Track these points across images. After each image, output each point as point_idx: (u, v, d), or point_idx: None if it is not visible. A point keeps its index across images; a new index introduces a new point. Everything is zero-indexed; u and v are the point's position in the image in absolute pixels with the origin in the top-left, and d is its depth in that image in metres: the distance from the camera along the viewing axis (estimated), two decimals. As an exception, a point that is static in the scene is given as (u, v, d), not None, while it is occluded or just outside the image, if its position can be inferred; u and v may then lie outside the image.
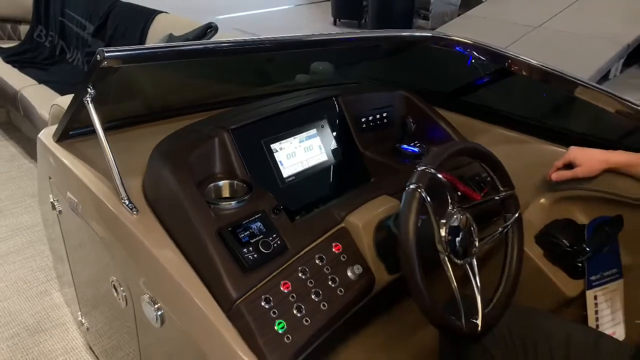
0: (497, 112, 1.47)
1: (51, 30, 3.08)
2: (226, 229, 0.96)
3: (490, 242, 1.06)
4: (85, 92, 1.02)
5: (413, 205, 0.90)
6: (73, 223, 1.32)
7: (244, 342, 0.89)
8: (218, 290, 0.92)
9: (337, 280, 1.01)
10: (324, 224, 1.08)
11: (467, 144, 1.08)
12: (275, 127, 1.21)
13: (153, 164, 1.08)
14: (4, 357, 1.58)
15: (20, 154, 2.81)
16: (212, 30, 2.06)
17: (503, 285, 1.05)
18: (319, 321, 0.95)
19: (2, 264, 1.98)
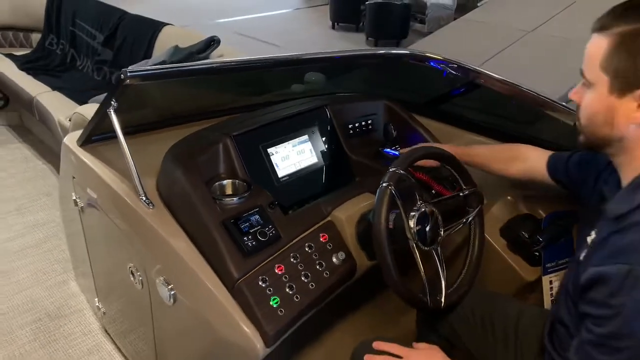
0: (467, 120, 1.65)
1: (62, 39, 3.26)
2: (229, 221, 1.14)
3: (454, 232, 1.23)
4: (109, 105, 1.20)
5: (384, 200, 1.08)
6: (94, 218, 1.49)
7: (245, 315, 1.07)
8: (222, 271, 1.10)
9: (324, 265, 1.19)
10: (313, 217, 1.26)
11: (431, 149, 1.26)
12: (271, 133, 1.38)
13: (166, 166, 1.25)
14: (28, 338, 1.76)
15: (34, 156, 2.99)
16: (214, 43, 2.24)
17: (465, 269, 1.23)
18: (307, 298, 1.13)
19: (22, 257, 2.15)
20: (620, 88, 0.77)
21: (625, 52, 0.76)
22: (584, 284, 0.78)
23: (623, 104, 0.78)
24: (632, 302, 0.70)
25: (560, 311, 0.92)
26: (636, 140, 0.80)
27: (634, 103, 0.77)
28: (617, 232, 0.78)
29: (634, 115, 0.78)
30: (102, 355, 1.70)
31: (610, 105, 0.79)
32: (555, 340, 0.94)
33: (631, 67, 0.75)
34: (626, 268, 0.72)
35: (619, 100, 0.78)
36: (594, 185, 1.01)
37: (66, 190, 1.61)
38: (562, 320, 0.91)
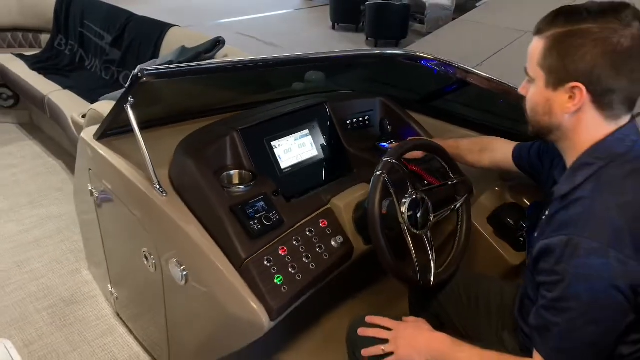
0: (458, 116, 1.75)
1: (71, 39, 3.36)
2: (237, 207, 1.25)
3: (444, 221, 1.34)
4: (126, 101, 1.30)
5: (378, 187, 1.19)
6: (109, 207, 1.60)
7: (251, 291, 1.18)
8: (231, 252, 1.21)
9: (323, 248, 1.29)
10: (313, 204, 1.37)
11: (420, 141, 1.37)
12: (275, 128, 1.49)
13: (178, 157, 1.36)
14: (45, 322, 1.86)
15: (44, 153, 3.10)
16: (220, 43, 2.35)
17: (454, 251, 1.33)
18: (308, 277, 1.24)
19: (37, 247, 2.26)
20: (554, 83, 0.89)
21: (556, 52, 0.87)
22: (536, 257, 0.89)
23: (557, 96, 0.89)
24: (572, 268, 0.81)
25: (527, 287, 1.03)
26: (572, 127, 0.91)
27: (566, 95, 0.88)
28: (561, 209, 0.89)
29: (567, 106, 0.89)
30: (115, 338, 1.80)
31: (547, 97, 0.91)
32: (524, 314, 1.04)
33: (561, 65, 0.86)
34: (566, 238, 0.82)
35: (554, 93, 0.89)
36: (549, 171, 1.12)
37: (82, 182, 1.72)
38: (528, 295, 1.02)
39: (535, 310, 0.90)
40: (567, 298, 0.83)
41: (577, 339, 0.83)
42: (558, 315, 0.84)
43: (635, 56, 0.85)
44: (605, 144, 0.89)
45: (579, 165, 0.91)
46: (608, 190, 0.85)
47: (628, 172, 0.87)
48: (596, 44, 0.84)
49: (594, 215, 0.83)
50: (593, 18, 0.85)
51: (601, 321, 0.82)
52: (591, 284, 0.80)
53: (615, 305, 0.80)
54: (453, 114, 1.78)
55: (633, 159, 0.88)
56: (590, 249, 0.80)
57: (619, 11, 0.85)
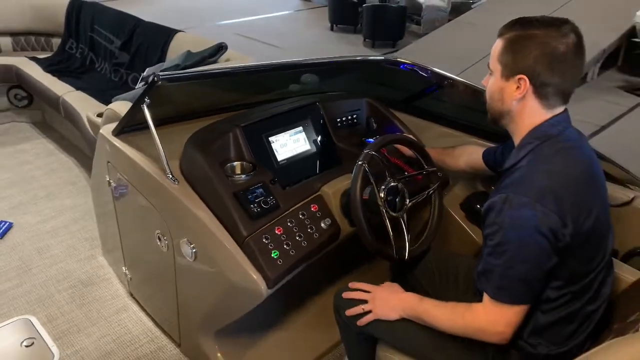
0: (437, 114, 1.95)
1: (81, 43, 3.56)
2: (239, 192, 1.45)
3: (421, 208, 1.54)
4: (143, 101, 1.50)
5: (359, 174, 1.39)
6: (125, 195, 1.80)
7: (252, 264, 1.38)
8: (234, 231, 1.41)
9: (314, 228, 1.50)
10: (306, 191, 1.57)
11: (398, 136, 1.57)
12: (272, 125, 1.68)
13: (188, 150, 1.56)
14: (66, 301, 2.06)
15: (57, 150, 3.30)
16: (223, 48, 2.55)
17: (427, 232, 1.53)
18: (300, 253, 1.44)
19: (55, 236, 2.46)
20: (507, 74, 1.10)
21: (510, 50, 1.09)
22: (483, 214, 1.10)
23: (508, 86, 1.11)
24: (508, 218, 1.02)
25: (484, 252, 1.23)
26: (518, 113, 1.13)
27: (514, 85, 1.10)
28: (506, 177, 1.11)
29: (514, 94, 1.10)
30: (129, 314, 2.00)
31: (501, 86, 1.12)
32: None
33: (512, 60, 1.09)
34: (504, 196, 1.04)
35: (506, 83, 1.11)
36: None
37: (100, 174, 1.92)
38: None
39: (482, 258, 1.10)
40: (504, 243, 1.03)
41: (513, 276, 1.04)
42: (498, 258, 1.05)
43: (567, 60, 1.07)
44: (541, 127, 1.11)
45: (521, 145, 1.13)
46: (540, 161, 1.07)
47: (557, 150, 1.09)
48: (538, 46, 1.06)
49: (527, 178, 1.06)
50: (540, 27, 1.07)
51: (531, 261, 1.03)
52: (522, 231, 1.01)
53: (540, 248, 1.01)
54: (432, 112, 1.98)
55: (562, 140, 1.10)
56: (522, 203, 1.01)
57: (559, 25, 1.08)
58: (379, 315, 1.28)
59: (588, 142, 1.18)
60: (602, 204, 1.11)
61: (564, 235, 1.02)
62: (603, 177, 1.17)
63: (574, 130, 1.14)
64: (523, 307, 1.07)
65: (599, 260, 1.11)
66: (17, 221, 2.54)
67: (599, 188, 1.13)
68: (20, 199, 2.74)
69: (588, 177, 1.10)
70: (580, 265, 1.08)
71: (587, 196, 1.07)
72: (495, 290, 1.07)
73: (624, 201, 1.45)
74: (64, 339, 1.88)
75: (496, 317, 1.07)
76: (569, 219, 1.02)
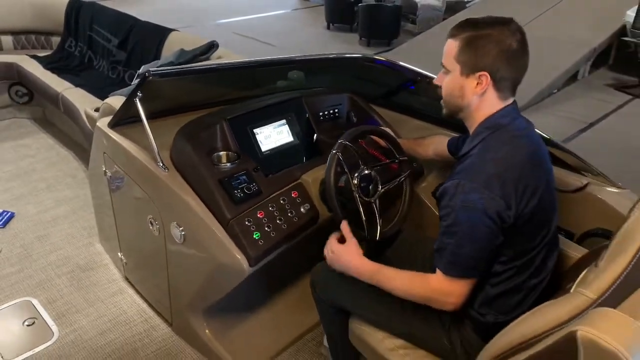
0: (413, 109, 2.07)
1: (80, 41, 3.69)
2: (224, 179, 1.57)
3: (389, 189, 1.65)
4: (135, 95, 1.62)
5: (333, 162, 1.51)
6: (120, 184, 1.92)
7: (235, 244, 1.50)
8: (219, 214, 1.53)
9: (294, 212, 1.62)
10: (287, 179, 1.69)
11: (370, 127, 1.69)
12: (257, 118, 1.80)
13: (178, 141, 1.68)
14: (65, 284, 2.19)
15: (57, 144, 3.42)
16: (214, 47, 2.67)
17: (398, 216, 1.65)
18: (281, 234, 1.56)
19: (55, 225, 2.58)
20: (467, 72, 1.20)
21: (469, 49, 1.18)
22: (438, 197, 1.22)
23: (468, 82, 1.21)
24: (459, 202, 1.14)
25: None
26: (476, 106, 1.23)
27: (474, 81, 1.20)
28: (459, 164, 1.23)
29: (475, 90, 1.21)
30: (125, 297, 2.13)
31: (461, 83, 1.22)
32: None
33: (473, 58, 1.18)
34: (457, 181, 1.16)
35: (466, 80, 1.21)
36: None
37: (97, 164, 2.04)
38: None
39: (437, 238, 1.22)
40: (455, 224, 1.15)
41: (462, 254, 1.16)
42: (450, 237, 1.17)
43: (519, 55, 1.19)
44: (493, 118, 1.22)
45: (475, 135, 1.24)
46: (489, 150, 1.19)
47: (506, 139, 1.20)
48: (496, 44, 1.17)
49: (476, 166, 1.17)
50: (492, 26, 1.19)
51: (478, 240, 1.14)
52: (471, 213, 1.13)
53: (488, 229, 1.13)
54: (408, 107, 2.10)
55: (511, 129, 1.21)
56: (471, 188, 1.13)
57: (507, 23, 1.20)
58: (336, 268, 1.41)
59: (535, 130, 1.30)
60: (547, 186, 1.23)
61: (509, 217, 1.14)
62: (548, 162, 1.28)
63: (523, 120, 1.26)
64: (471, 280, 1.19)
65: (541, 237, 1.23)
66: (19, 211, 2.66)
67: (543, 172, 1.24)
68: (22, 190, 2.86)
69: (532, 162, 1.21)
70: (524, 242, 1.20)
71: (531, 180, 1.18)
72: (447, 265, 1.19)
73: (578, 187, 1.56)
74: (63, 319, 2.00)
75: (447, 289, 1.19)
76: (513, 202, 1.14)
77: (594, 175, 1.58)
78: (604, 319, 0.87)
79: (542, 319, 0.99)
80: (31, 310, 2.05)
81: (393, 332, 1.39)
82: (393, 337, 1.38)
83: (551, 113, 4.99)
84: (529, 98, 5.11)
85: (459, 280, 1.19)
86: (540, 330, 0.98)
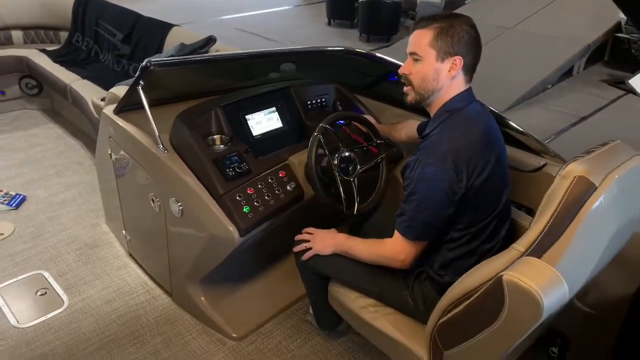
0: (393, 98, 2.24)
1: (87, 36, 3.87)
2: (217, 159, 1.75)
3: (367, 169, 1.82)
4: (138, 84, 1.80)
5: (315, 144, 1.68)
6: (124, 165, 2.10)
7: (227, 217, 1.68)
8: (213, 190, 1.71)
9: (280, 190, 1.80)
10: (275, 160, 1.87)
11: (348, 112, 1.86)
12: (249, 105, 1.97)
13: (177, 125, 1.85)
14: (74, 259, 2.37)
15: (64, 134, 3.61)
16: (212, 41, 2.84)
17: (374, 194, 1.82)
18: (268, 209, 1.74)
19: (64, 207, 2.77)
20: (442, 57, 1.34)
21: (444, 36, 1.33)
22: (402, 170, 1.39)
23: (444, 66, 1.35)
24: (416, 174, 1.31)
25: None
26: (446, 89, 1.37)
27: (449, 65, 1.35)
28: (421, 143, 1.39)
29: (449, 73, 1.35)
30: (129, 271, 2.31)
31: (436, 68, 1.36)
32: None
33: (449, 44, 1.32)
34: (417, 157, 1.33)
35: (442, 64, 1.35)
36: None
37: (103, 148, 2.22)
38: None
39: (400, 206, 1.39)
40: (414, 193, 1.32)
41: (418, 219, 1.33)
42: (409, 204, 1.34)
43: (479, 44, 1.37)
44: (451, 103, 1.38)
45: (435, 117, 1.41)
46: (446, 130, 1.35)
47: (461, 120, 1.36)
48: (465, 33, 1.33)
49: (434, 144, 1.34)
50: (456, 18, 1.35)
51: (432, 207, 1.31)
52: (427, 183, 1.30)
53: (440, 198, 1.30)
54: (390, 96, 2.27)
55: (466, 113, 1.38)
56: (428, 162, 1.30)
57: (465, 17, 1.36)
58: (316, 250, 1.59)
59: (490, 114, 1.46)
60: (497, 163, 1.39)
61: (460, 188, 1.30)
62: (500, 142, 1.44)
63: (477, 104, 1.42)
64: (422, 242, 1.37)
65: (492, 209, 1.39)
66: (30, 194, 2.85)
67: (493, 151, 1.39)
68: (33, 176, 3.05)
69: (483, 141, 1.36)
70: (476, 211, 1.37)
71: (481, 158, 1.34)
72: (404, 228, 1.36)
73: (536, 167, 1.73)
74: (72, 290, 2.19)
75: (401, 249, 1.38)
76: (463, 176, 1.30)
77: (551, 157, 1.75)
78: (526, 265, 1.05)
79: (482, 272, 1.17)
80: (43, 281, 2.23)
81: (365, 293, 1.56)
82: (365, 297, 1.56)
83: (545, 107, 5.13)
84: (523, 92, 5.26)
85: (412, 242, 1.36)
86: (480, 282, 1.15)
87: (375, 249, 1.44)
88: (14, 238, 2.50)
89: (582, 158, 1.14)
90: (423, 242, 1.37)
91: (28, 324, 2.00)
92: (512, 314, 1.03)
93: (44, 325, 2.00)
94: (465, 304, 1.16)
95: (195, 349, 1.92)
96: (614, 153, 1.21)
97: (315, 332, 2.00)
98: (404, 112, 2.18)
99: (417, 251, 1.38)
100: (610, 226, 1.17)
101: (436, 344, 1.30)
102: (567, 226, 1.07)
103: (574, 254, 1.06)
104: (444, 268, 1.43)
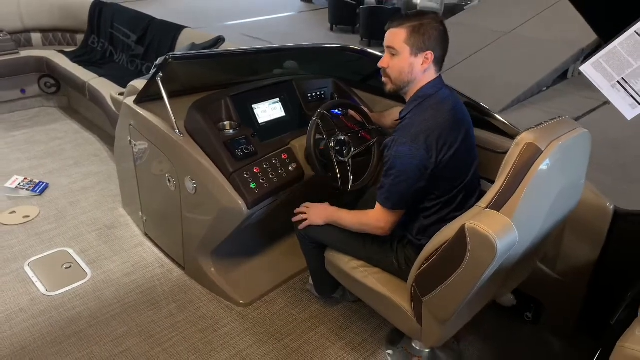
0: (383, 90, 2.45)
1: (102, 38, 4.12)
2: (227, 142, 1.97)
3: (360, 151, 2.04)
4: (157, 75, 2.03)
5: (313, 127, 1.91)
6: (143, 150, 2.33)
7: (236, 192, 1.90)
8: (223, 168, 1.94)
9: (283, 170, 2.02)
10: (279, 144, 2.10)
11: (343, 100, 2.09)
12: (256, 96, 2.20)
13: (191, 113, 2.08)
14: (94, 238, 2.60)
15: (81, 129, 3.85)
16: (221, 40, 3.09)
17: (367, 173, 2.05)
18: (272, 185, 1.97)
19: (83, 193, 3.00)
20: (416, 52, 1.55)
21: (417, 34, 1.53)
22: (382, 149, 1.60)
23: (417, 60, 1.56)
24: (393, 152, 1.51)
25: None
26: (419, 80, 1.58)
27: (421, 59, 1.56)
28: (398, 125, 1.60)
29: (423, 66, 1.56)
30: (145, 248, 2.54)
31: (411, 62, 1.56)
32: None
33: (421, 41, 1.53)
34: (393, 137, 1.54)
35: (415, 59, 1.56)
36: None
37: (123, 137, 2.45)
38: None
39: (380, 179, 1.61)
40: (391, 168, 1.54)
41: (394, 191, 1.54)
42: (387, 178, 1.55)
43: (447, 39, 1.57)
44: (424, 89, 1.60)
45: (410, 102, 1.62)
46: (418, 113, 1.57)
47: (432, 104, 1.57)
48: (434, 30, 1.54)
49: (408, 126, 1.55)
50: (426, 17, 1.55)
51: (407, 181, 1.52)
52: (402, 160, 1.51)
53: (413, 173, 1.51)
54: (382, 89, 2.49)
55: (436, 97, 1.59)
56: (402, 142, 1.51)
57: (429, 15, 1.57)
58: (311, 220, 1.82)
59: (457, 97, 1.66)
60: (463, 142, 1.58)
61: (430, 164, 1.51)
62: (467, 124, 1.63)
63: (447, 90, 1.63)
64: (399, 212, 1.59)
65: (460, 181, 1.60)
66: (52, 182, 3.09)
67: (461, 130, 1.58)
68: (54, 166, 3.29)
69: (452, 121, 1.56)
70: (445, 183, 1.57)
71: (450, 135, 1.54)
72: (383, 199, 1.58)
73: (507, 149, 1.93)
74: (94, 264, 2.41)
75: (381, 217, 1.59)
76: (433, 153, 1.50)
77: (523, 140, 1.97)
78: (484, 216, 1.27)
79: (450, 228, 1.38)
80: (68, 257, 2.46)
81: (356, 256, 1.78)
82: (356, 260, 1.78)
83: (539, 109, 5.34)
84: (519, 94, 5.47)
85: (390, 211, 1.58)
86: (447, 237, 1.37)
87: (359, 218, 1.67)
88: (40, 220, 2.73)
89: (533, 129, 1.36)
90: (400, 211, 1.59)
91: (56, 291, 2.23)
92: (473, 255, 1.25)
93: (70, 293, 2.23)
94: (437, 254, 1.38)
95: (206, 313, 2.14)
96: (561, 125, 1.43)
97: (315, 300, 2.21)
98: (394, 102, 2.41)
99: (395, 219, 1.59)
100: (556, 186, 1.39)
101: (416, 294, 1.51)
102: (519, 185, 1.29)
103: (524, 208, 1.28)
104: (421, 233, 1.64)
